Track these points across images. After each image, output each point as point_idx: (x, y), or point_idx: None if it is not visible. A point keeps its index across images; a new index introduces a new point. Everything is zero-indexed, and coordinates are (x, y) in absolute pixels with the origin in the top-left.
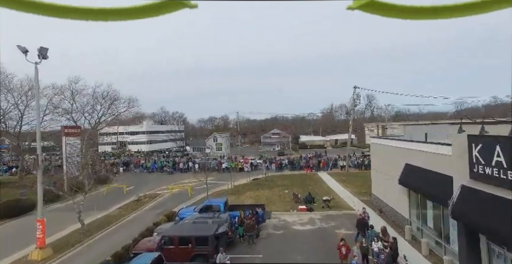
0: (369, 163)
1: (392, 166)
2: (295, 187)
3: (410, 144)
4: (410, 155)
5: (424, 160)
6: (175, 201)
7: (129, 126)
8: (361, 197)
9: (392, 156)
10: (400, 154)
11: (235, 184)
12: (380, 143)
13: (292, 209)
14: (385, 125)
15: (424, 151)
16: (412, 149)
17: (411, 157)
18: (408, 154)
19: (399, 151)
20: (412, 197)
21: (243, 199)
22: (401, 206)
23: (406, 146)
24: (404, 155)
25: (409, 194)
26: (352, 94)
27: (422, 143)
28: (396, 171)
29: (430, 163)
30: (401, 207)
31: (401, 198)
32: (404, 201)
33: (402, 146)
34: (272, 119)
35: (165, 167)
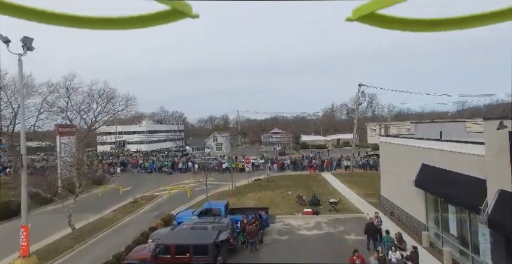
0: (374, 163)
1: (406, 167)
2: (298, 188)
3: (428, 143)
4: (428, 154)
5: (446, 160)
6: (173, 203)
7: (128, 126)
8: (368, 199)
9: (406, 156)
10: (416, 154)
11: (236, 185)
12: (391, 142)
13: (297, 212)
14: (388, 124)
15: (447, 150)
16: (431, 148)
17: (429, 157)
18: (425, 154)
19: (414, 150)
20: (429, 201)
21: (245, 201)
22: (417, 209)
23: (423, 145)
24: (420, 155)
25: (425, 197)
26: (357, 92)
27: (444, 142)
28: (411, 172)
29: (454, 164)
30: (416, 211)
31: (416, 202)
32: (420, 204)
33: (418, 144)
34: (272, 119)
35: (164, 167)
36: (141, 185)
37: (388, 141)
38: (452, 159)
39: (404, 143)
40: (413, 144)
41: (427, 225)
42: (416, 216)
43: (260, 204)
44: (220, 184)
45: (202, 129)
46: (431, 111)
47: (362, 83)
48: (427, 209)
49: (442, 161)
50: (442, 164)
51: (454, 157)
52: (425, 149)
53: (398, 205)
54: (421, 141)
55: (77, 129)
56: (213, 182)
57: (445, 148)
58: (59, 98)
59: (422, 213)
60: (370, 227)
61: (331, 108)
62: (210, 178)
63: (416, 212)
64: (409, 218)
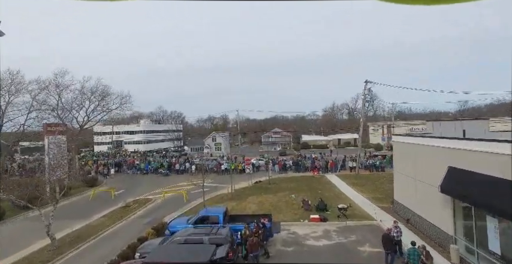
0: (380, 164)
1: (427, 169)
2: (302, 191)
3: (456, 143)
4: (457, 156)
5: (482, 163)
6: (167, 208)
7: (126, 126)
8: (379, 204)
9: (428, 158)
10: (440, 155)
11: (235, 187)
12: (408, 141)
13: (303, 218)
14: (391, 124)
15: (483, 151)
16: (460, 148)
17: (458, 159)
18: (453, 155)
19: (438, 151)
20: (458, 209)
21: (245, 206)
22: (441, 218)
23: (450, 145)
24: (446, 156)
25: (453, 205)
26: (364, 89)
27: (479, 141)
28: (434, 175)
29: (494, 167)
30: (440, 220)
31: (441, 209)
32: (446, 213)
33: (443, 144)
34: (272, 119)
35: (160, 168)
36: (135, 187)
37: (404, 141)
38: (491, 161)
39: (425, 142)
40: (436, 144)
41: (455, 237)
42: (440, 226)
43: (262, 210)
44: (219, 186)
45: (201, 129)
46: (433, 110)
47: (369, 80)
48: (455, 218)
49: (477, 164)
50: (477, 166)
51: (495, 159)
52: (453, 150)
53: (417, 212)
54: (448, 141)
55: (67, 128)
56: (211, 184)
57: (481, 149)
58: (49, 96)
59: (449, 223)
60: (387, 238)
61: (331, 108)
62: (208, 180)
63: (440, 222)
64: (430, 227)
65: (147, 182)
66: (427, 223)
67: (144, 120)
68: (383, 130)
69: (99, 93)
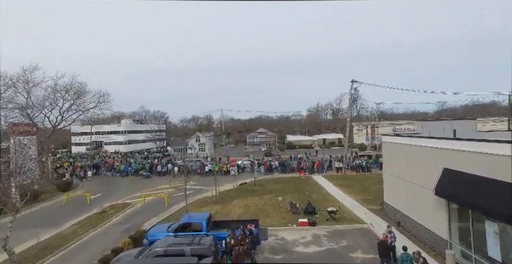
0: (367, 164)
1: (420, 171)
2: (289, 193)
3: (452, 143)
4: (453, 157)
5: (483, 165)
6: (147, 213)
7: (106, 126)
8: (369, 206)
9: (421, 159)
10: (434, 156)
11: (220, 190)
12: (398, 141)
13: (291, 222)
14: (376, 124)
15: (481, 152)
16: (458, 150)
17: (454, 160)
18: (448, 156)
19: (432, 152)
20: (453, 212)
21: (230, 209)
22: (435, 222)
23: (445, 146)
24: (440, 157)
25: (448, 208)
26: (350, 88)
27: (477, 142)
28: (427, 177)
29: (494, 169)
30: (434, 224)
31: (434, 212)
32: (440, 216)
33: (438, 145)
34: (257, 119)
35: (141, 170)
36: (114, 190)
37: (395, 141)
38: (489, 163)
39: (418, 143)
40: (431, 144)
41: (450, 241)
42: (434, 229)
43: (247, 214)
44: (202, 189)
45: (185, 129)
46: (414, 110)
47: (355, 80)
48: (450, 222)
49: (475, 166)
50: (475, 168)
51: (494, 160)
52: (449, 151)
53: (408, 215)
54: (443, 142)
55: (38, 128)
56: (194, 186)
57: (479, 150)
58: (17, 93)
59: (444, 227)
60: (383, 245)
61: (316, 108)
62: (191, 182)
63: (434, 225)
64: (423, 231)
65: (126, 184)
66: (420, 226)
67: (126, 120)
68: (367, 130)
69: (74, 91)
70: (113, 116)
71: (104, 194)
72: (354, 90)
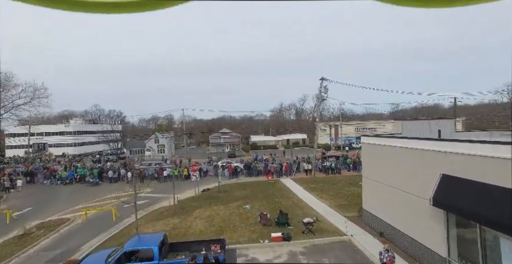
0: (336, 166)
1: (412, 177)
2: (257, 200)
3: (451, 145)
4: (453, 161)
5: (493, 170)
6: (88, 231)
7: (52, 126)
8: (345, 213)
9: (412, 163)
10: (430, 160)
11: (180, 198)
12: (382, 143)
13: (262, 237)
14: (339, 124)
15: (488, 156)
16: (458, 152)
17: (454, 165)
18: (447, 160)
19: (427, 155)
20: (452, 226)
21: (191, 223)
22: (430, 236)
23: (442, 148)
24: (438, 161)
25: (447, 220)
26: (319, 87)
27: (484, 144)
28: (421, 184)
29: (504, 176)
30: (428, 238)
31: (429, 225)
32: (437, 229)
33: (433, 147)
34: (219, 119)
35: (88, 177)
36: (49, 203)
37: (377, 143)
38: (503, 168)
39: (406, 145)
40: (423, 146)
41: (449, 259)
42: (427, 244)
43: (211, 227)
44: (159, 197)
45: (144, 129)
46: (372, 110)
47: (324, 77)
48: (449, 237)
49: (482, 171)
50: (482, 175)
51: (506, 165)
52: (447, 154)
53: (394, 225)
54: (441, 143)
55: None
56: (150, 194)
57: (487, 153)
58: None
59: (441, 241)
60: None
61: (279, 108)
62: (147, 189)
63: (428, 239)
64: (414, 244)
65: (68, 195)
66: (409, 239)
67: (75, 119)
68: (330, 130)
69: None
70: (60, 115)
71: (36, 209)
72: (323, 89)
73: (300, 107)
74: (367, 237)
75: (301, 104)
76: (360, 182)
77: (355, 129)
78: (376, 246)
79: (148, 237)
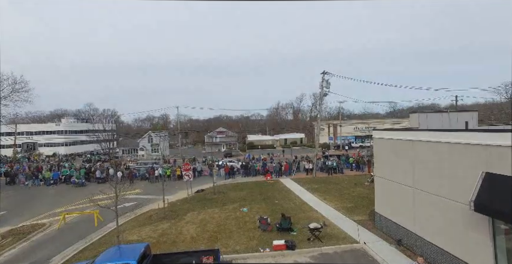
0: (338, 166)
1: (442, 177)
2: (255, 202)
3: (499, 137)
4: (500, 156)
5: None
6: (64, 239)
7: (42, 124)
8: (353, 216)
9: (442, 159)
10: (467, 155)
11: (171, 200)
12: (400, 137)
13: (262, 244)
14: (338, 123)
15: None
16: (508, 145)
17: (502, 161)
18: (490, 155)
19: (463, 150)
20: (499, 236)
21: (181, 228)
22: (468, 247)
23: (484, 141)
24: (478, 157)
25: (492, 230)
26: (321, 81)
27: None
28: (455, 185)
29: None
30: (467, 250)
31: (467, 234)
32: (478, 240)
33: (472, 140)
34: (216, 119)
35: (74, 177)
36: (26, 207)
37: (394, 138)
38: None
39: (434, 138)
40: (458, 139)
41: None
42: (466, 258)
43: (204, 233)
44: (150, 199)
45: (139, 129)
46: (371, 110)
47: (326, 71)
48: (496, 249)
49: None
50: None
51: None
52: (492, 148)
53: (418, 233)
54: (484, 135)
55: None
56: (140, 195)
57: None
58: None
59: (484, 255)
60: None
61: (276, 108)
62: (137, 190)
63: (466, 251)
64: (444, 256)
65: (49, 197)
66: (437, 250)
67: (67, 118)
68: (329, 129)
69: None
70: (53, 114)
71: (10, 213)
72: (325, 83)
73: (297, 106)
74: (383, 245)
75: (298, 103)
76: (365, 182)
77: (354, 129)
78: (394, 256)
79: (126, 249)
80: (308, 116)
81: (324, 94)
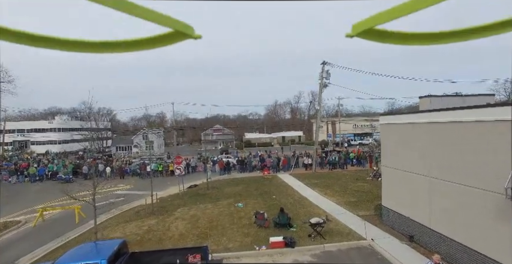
0: (339, 161)
1: (464, 163)
2: (251, 197)
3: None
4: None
5: None
6: (37, 239)
7: (34, 122)
8: (357, 211)
9: (465, 144)
10: (501, 136)
11: (162, 195)
12: (414, 121)
13: (258, 242)
14: (337, 120)
15: None
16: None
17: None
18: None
19: (497, 129)
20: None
21: (170, 224)
22: (501, 244)
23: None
24: None
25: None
26: (321, 71)
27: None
28: (483, 171)
29: None
30: (497, 247)
31: (498, 229)
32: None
33: (506, 117)
34: (213, 118)
35: (60, 173)
36: (4, 203)
37: (406, 122)
38: None
39: (456, 118)
40: (488, 117)
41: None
42: (494, 255)
43: (195, 230)
44: (140, 194)
45: (135, 127)
46: (370, 109)
47: (326, 61)
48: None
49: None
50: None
51: None
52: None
53: (430, 227)
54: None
55: None
56: (129, 191)
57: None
58: None
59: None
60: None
61: (273, 106)
62: (127, 186)
63: (496, 248)
64: (470, 255)
65: (32, 193)
66: (458, 247)
67: (60, 116)
68: (328, 127)
69: None
70: (47, 111)
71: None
72: (325, 73)
73: (295, 104)
74: (393, 241)
75: (296, 101)
76: (367, 177)
77: (353, 126)
78: (407, 254)
79: (97, 246)
80: (306, 114)
81: (324, 85)
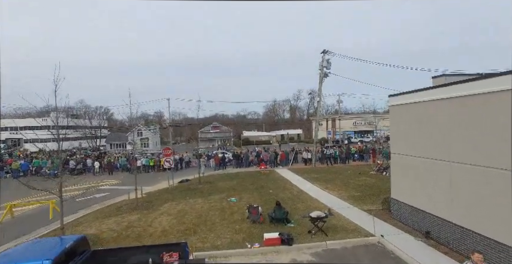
0: (339, 155)
1: (500, 141)
2: (246, 192)
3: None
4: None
5: None
6: (8, 234)
7: (26, 120)
8: (362, 206)
9: (499, 117)
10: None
11: (150, 190)
12: (433, 97)
13: (250, 239)
14: (337, 117)
15: None
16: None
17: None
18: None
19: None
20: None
21: (153, 220)
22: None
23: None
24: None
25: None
26: (321, 61)
27: None
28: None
29: None
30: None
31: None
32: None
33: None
34: (212, 117)
35: (46, 168)
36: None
37: (422, 100)
38: None
39: (486, 88)
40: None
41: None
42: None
43: (180, 226)
44: (126, 190)
45: (133, 126)
46: (370, 107)
47: (326, 50)
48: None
49: None
50: None
51: None
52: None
53: (452, 220)
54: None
55: None
56: (116, 186)
57: None
58: None
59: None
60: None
61: (272, 105)
62: (113, 181)
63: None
64: (501, 252)
65: (10, 189)
66: (490, 244)
67: (55, 114)
68: (327, 124)
69: None
70: (42, 110)
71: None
72: (325, 63)
73: (294, 103)
74: (406, 238)
75: (295, 99)
76: (370, 171)
77: (354, 124)
78: (424, 252)
79: (45, 244)
80: (305, 113)
81: (325, 75)
